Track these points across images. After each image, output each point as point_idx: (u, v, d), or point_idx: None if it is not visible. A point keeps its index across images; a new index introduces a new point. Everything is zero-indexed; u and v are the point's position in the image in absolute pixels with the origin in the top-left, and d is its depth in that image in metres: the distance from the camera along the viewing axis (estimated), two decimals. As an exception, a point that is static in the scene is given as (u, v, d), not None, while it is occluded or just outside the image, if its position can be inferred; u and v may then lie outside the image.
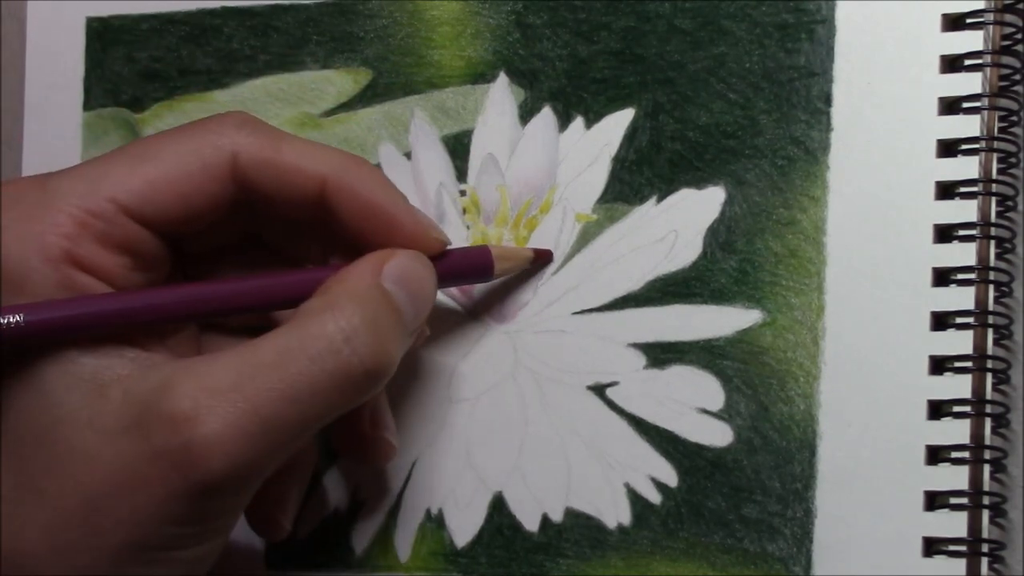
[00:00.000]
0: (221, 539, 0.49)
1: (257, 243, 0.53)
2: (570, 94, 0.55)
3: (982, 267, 0.51)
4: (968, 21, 0.51)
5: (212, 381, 0.47)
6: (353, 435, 0.53)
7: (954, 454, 0.50)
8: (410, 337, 0.50)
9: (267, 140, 0.51)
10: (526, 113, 0.56)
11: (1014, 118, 0.51)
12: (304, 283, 0.50)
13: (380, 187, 0.51)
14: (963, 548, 0.50)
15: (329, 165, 0.51)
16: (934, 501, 0.50)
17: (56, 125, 0.61)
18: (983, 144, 0.51)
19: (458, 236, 0.56)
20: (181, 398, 0.47)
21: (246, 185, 0.50)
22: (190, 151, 0.50)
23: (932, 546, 0.50)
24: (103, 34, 0.60)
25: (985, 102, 0.51)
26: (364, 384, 0.48)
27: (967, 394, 0.50)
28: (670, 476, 0.53)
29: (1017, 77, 0.51)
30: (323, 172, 0.50)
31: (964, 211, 0.51)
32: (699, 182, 0.54)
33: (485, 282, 0.55)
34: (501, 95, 0.56)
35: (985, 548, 0.50)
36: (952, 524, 0.50)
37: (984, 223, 0.51)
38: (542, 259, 0.55)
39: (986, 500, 0.50)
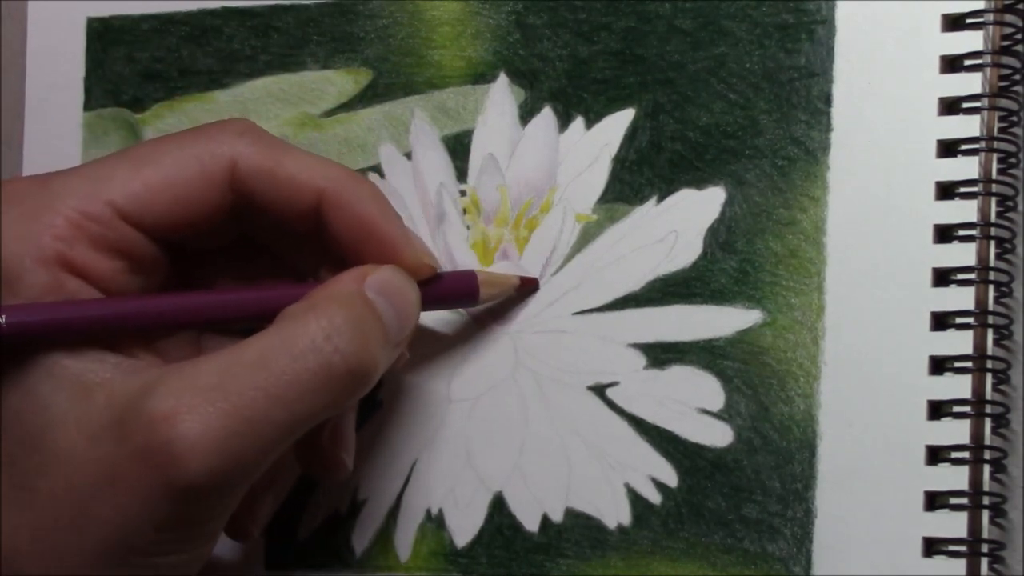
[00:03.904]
0: (206, 547, 0.49)
1: (254, 245, 0.53)
2: (570, 94, 0.55)
3: (982, 267, 0.51)
4: (968, 21, 0.51)
5: (194, 381, 0.47)
6: (311, 447, 0.52)
7: (954, 454, 0.50)
8: (394, 350, 0.50)
9: (267, 150, 0.51)
10: (526, 113, 0.56)
11: (1014, 118, 0.51)
12: (286, 297, 0.50)
13: (376, 206, 0.51)
14: (963, 548, 0.50)
15: (327, 179, 0.51)
16: (934, 501, 0.50)
17: (57, 125, 0.61)
18: (983, 144, 0.51)
19: (458, 236, 0.56)
20: (162, 398, 0.46)
21: (244, 193, 0.50)
22: (190, 157, 0.50)
23: (932, 546, 0.50)
24: (103, 34, 0.60)
25: (985, 102, 0.51)
26: (349, 384, 0.48)
27: (967, 394, 0.50)
28: (670, 476, 0.53)
29: (1017, 77, 0.51)
30: (321, 186, 0.50)
31: (964, 211, 0.51)
32: (699, 182, 0.54)
33: (470, 307, 0.55)
34: (501, 95, 0.56)
35: (985, 548, 0.50)
36: (952, 524, 0.50)
37: (984, 223, 0.51)
38: (527, 287, 0.55)
39: (986, 500, 0.50)
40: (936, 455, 0.51)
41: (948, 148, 0.51)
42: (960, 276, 0.51)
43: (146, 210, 0.50)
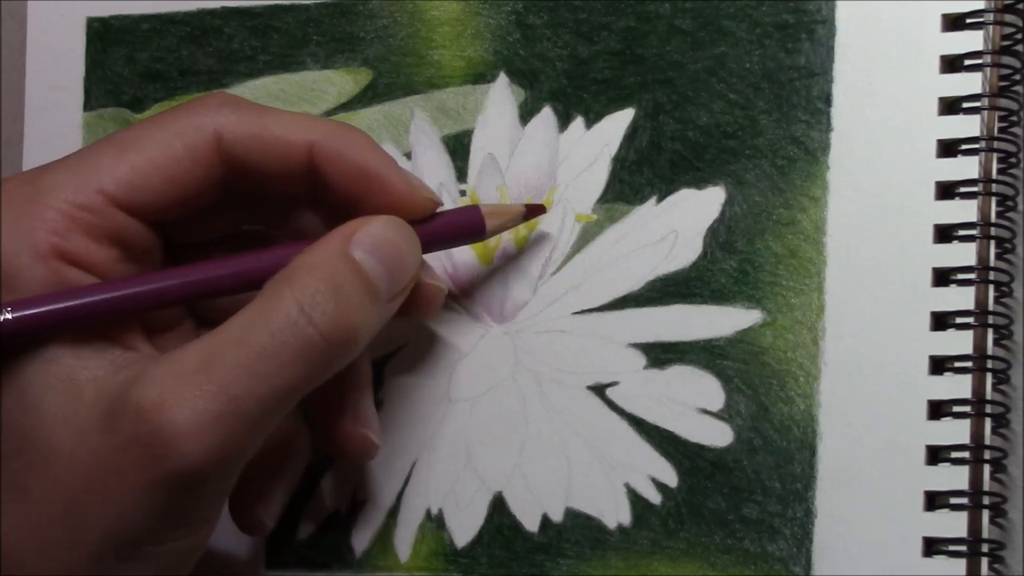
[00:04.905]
0: (204, 533, 0.49)
1: (250, 237, 0.53)
2: (570, 94, 0.55)
3: (982, 267, 0.51)
4: (968, 21, 0.51)
5: (179, 366, 0.47)
6: (334, 432, 0.52)
7: (954, 454, 0.50)
8: (388, 305, 0.50)
9: (250, 115, 0.50)
10: (526, 113, 0.56)
11: (1014, 118, 0.51)
12: (283, 258, 0.49)
13: (367, 150, 0.51)
14: (963, 548, 0.50)
15: (315, 132, 0.50)
16: (934, 501, 0.50)
17: (57, 125, 0.61)
18: (983, 144, 0.51)
19: (458, 236, 0.56)
20: (148, 386, 0.46)
21: (233, 164, 0.50)
22: (174, 135, 0.50)
23: (932, 546, 0.50)
24: (103, 34, 0.60)
25: (985, 102, 0.51)
26: (329, 354, 0.48)
27: (967, 394, 0.50)
28: (670, 476, 0.53)
29: (1017, 77, 0.51)
30: (309, 140, 0.50)
31: (964, 211, 0.51)
32: (699, 182, 0.54)
33: (479, 241, 0.54)
34: (501, 95, 0.56)
35: (985, 548, 0.50)
36: (952, 524, 0.50)
37: (984, 223, 0.51)
38: (534, 214, 0.54)
39: (986, 500, 0.50)
40: (936, 455, 0.51)
41: (948, 148, 0.51)
42: (960, 276, 0.51)
43: (137, 194, 0.50)
